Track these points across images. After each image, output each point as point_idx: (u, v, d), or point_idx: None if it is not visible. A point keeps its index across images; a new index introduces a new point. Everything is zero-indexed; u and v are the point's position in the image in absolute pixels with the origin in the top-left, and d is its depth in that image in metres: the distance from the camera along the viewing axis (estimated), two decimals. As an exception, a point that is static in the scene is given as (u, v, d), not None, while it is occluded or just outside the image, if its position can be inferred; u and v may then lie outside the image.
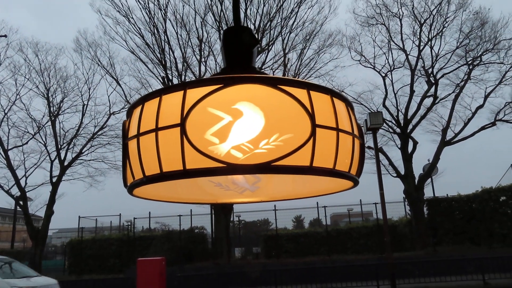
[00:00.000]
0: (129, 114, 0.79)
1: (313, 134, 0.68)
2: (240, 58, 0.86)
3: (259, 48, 17.70)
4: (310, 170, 0.67)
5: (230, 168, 0.65)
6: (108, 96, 22.56)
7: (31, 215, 21.12)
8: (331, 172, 0.71)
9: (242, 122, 0.67)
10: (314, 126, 0.68)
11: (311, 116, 0.68)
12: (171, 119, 0.68)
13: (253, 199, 0.98)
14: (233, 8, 0.89)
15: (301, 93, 0.70)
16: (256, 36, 0.82)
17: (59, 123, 21.57)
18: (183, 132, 0.66)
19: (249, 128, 0.66)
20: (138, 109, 0.75)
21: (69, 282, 15.46)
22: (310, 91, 0.70)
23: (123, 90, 20.31)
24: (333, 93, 0.74)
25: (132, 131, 0.74)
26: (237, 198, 0.97)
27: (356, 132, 0.76)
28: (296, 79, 0.70)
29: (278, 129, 0.67)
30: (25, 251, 22.58)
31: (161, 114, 0.70)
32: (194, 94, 0.69)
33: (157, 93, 0.73)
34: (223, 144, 0.66)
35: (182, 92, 0.69)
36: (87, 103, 21.75)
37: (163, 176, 0.68)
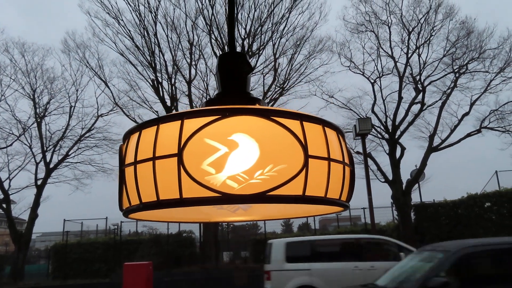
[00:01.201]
0: (126, 139, 0.80)
1: (305, 164, 0.70)
2: (235, 84, 0.88)
3: (250, 53, 17.78)
4: (303, 199, 0.70)
5: (226, 198, 0.67)
6: (96, 98, 22.29)
7: (15, 218, 20.75)
8: (323, 201, 0.74)
9: (238, 153, 0.69)
10: (307, 156, 0.71)
11: (304, 147, 0.71)
12: (169, 149, 0.70)
13: (246, 217, 1.01)
14: (228, 34, 0.91)
15: (294, 125, 0.72)
16: (250, 63, 0.84)
17: (45, 124, 21.31)
18: (180, 162, 0.68)
19: (245, 159, 0.69)
20: (135, 136, 0.77)
21: (53, 287, 15.22)
22: (303, 122, 0.73)
23: (111, 92, 20.16)
24: (324, 123, 0.77)
25: (129, 158, 0.76)
26: (230, 217, 1.00)
27: (346, 159, 0.79)
28: (289, 110, 0.73)
29: (272, 160, 0.69)
30: (8, 255, 22.15)
31: (158, 143, 0.72)
32: (191, 124, 0.71)
33: (155, 122, 0.74)
34: (219, 174, 0.68)
35: (179, 122, 0.71)
36: (75, 104, 21.55)
37: (160, 204, 0.70)
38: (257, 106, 0.83)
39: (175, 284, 13.40)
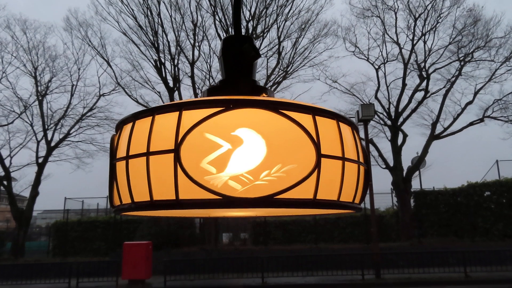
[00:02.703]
0: (118, 130, 0.73)
1: (318, 164, 0.63)
2: (240, 71, 0.80)
3: (254, 35, 17.49)
4: (313, 203, 0.63)
5: (227, 201, 0.60)
6: (98, 77, 22.12)
7: (16, 195, 20.86)
8: (335, 205, 0.67)
9: (242, 151, 0.61)
10: (320, 156, 0.63)
11: (317, 145, 0.63)
12: (164, 144, 0.63)
13: (249, 213, 0.94)
14: (233, 16, 0.83)
15: (306, 119, 0.65)
16: (257, 48, 0.75)
17: (47, 103, 21.21)
18: (177, 159, 0.61)
19: (250, 157, 0.61)
20: (128, 127, 0.69)
21: (53, 264, 15.39)
22: (316, 117, 0.65)
23: (113, 72, 19.99)
24: (339, 118, 0.69)
25: (121, 152, 0.69)
26: (231, 212, 0.93)
27: (361, 158, 0.72)
28: (301, 103, 0.65)
29: (280, 159, 0.61)
30: (9, 231, 22.35)
31: (153, 136, 0.64)
32: (190, 116, 0.63)
33: (150, 112, 0.67)
34: (220, 174, 0.61)
35: (177, 113, 0.63)
36: (76, 83, 21.41)
37: (153, 205, 0.63)
38: (263, 97, 0.75)
39: (174, 264, 13.52)
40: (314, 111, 0.65)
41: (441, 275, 12.51)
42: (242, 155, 0.61)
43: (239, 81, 0.79)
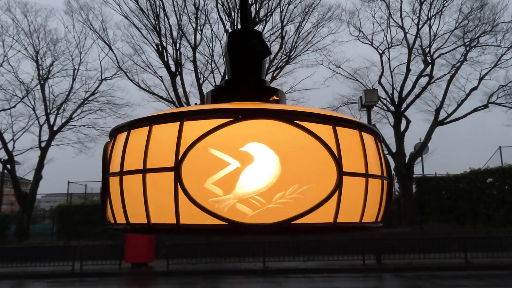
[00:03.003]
0: (113, 138, 0.65)
1: (339, 184, 0.55)
2: (248, 69, 0.71)
3: (257, 19, 17.22)
4: (333, 228, 0.55)
5: (235, 228, 0.52)
6: (100, 62, 22.01)
7: (19, 179, 20.95)
8: (357, 227, 0.59)
9: (253, 169, 0.53)
10: (341, 173, 0.55)
11: (338, 161, 0.55)
12: (163, 160, 0.55)
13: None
14: (240, 8, 0.74)
15: (325, 131, 0.56)
16: (268, 44, 0.67)
17: (49, 87, 21.12)
18: (178, 179, 0.53)
19: (261, 177, 0.53)
20: (123, 137, 0.61)
21: (57, 247, 15.54)
22: (336, 127, 0.57)
23: (115, 56, 19.81)
24: (361, 127, 0.61)
25: (115, 165, 0.61)
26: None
27: (385, 172, 0.64)
28: (319, 111, 0.57)
29: (297, 178, 0.53)
30: (13, 214, 22.54)
31: (150, 150, 0.56)
32: (193, 128, 0.55)
33: (147, 121, 0.58)
34: (227, 196, 0.53)
35: (178, 124, 0.55)
36: (78, 67, 21.23)
37: (151, 229, 0.56)
38: (275, 102, 0.66)
39: (176, 248, 13.61)
40: (334, 121, 0.57)
41: (442, 261, 12.56)
42: (253, 174, 0.53)
43: (247, 82, 0.71)
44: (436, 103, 19.45)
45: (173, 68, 18.41)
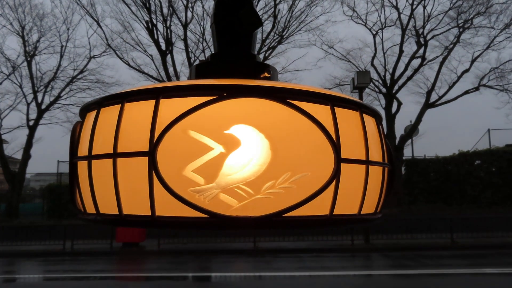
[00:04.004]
0: (82, 118, 0.58)
1: (337, 172, 0.48)
2: (237, 42, 0.63)
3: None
4: (329, 221, 0.49)
5: (218, 221, 0.45)
6: (88, 39, 21.49)
7: (8, 158, 20.66)
8: (355, 220, 0.53)
9: (239, 155, 0.46)
10: (339, 160, 0.48)
11: (336, 146, 0.48)
12: (136, 143, 0.47)
13: None
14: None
15: (322, 112, 0.49)
16: (259, 14, 0.59)
17: (36, 64, 20.60)
18: (153, 165, 0.46)
19: (249, 164, 0.46)
20: (92, 116, 0.54)
21: (47, 226, 15.49)
22: (335, 108, 0.50)
23: (104, 33, 19.30)
24: (362, 108, 0.54)
25: (83, 148, 0.54)
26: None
27: (386, 158, 0.58)
28: (316, 89, 0.50)
29: (289, 165, 0.47)
30: (2, 193, 22.33)
31: (122, 132, 0.49)
32: (171, 107, 0.47)
33: (118, 98, 0.51)
34: (210, 185, 0.46)
35: (153, 102, 0.47)
36: (66, 44, 20.67)
37: (124, 221, 0.49)
38: (265, 79, 0.60)
39: (168, 231, 13.67)
40: (333, 101, 0.50)
41: (429, 241, 12.80)
42: (239, 160, 0.46)
43: (235, 56, 0.63)
44: (427, 85, 19.48)
45: (163, 47, 18.04)
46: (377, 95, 19.90)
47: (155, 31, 17.87)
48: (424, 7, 18.83)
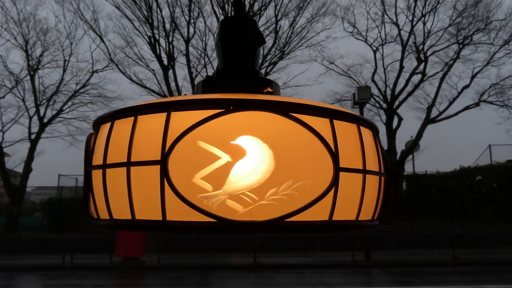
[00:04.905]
0: (96, 129, 0.62)
1: (335, 180, 0.52)
2: (241, 59, 0.68)
3: (251, 13, 17.12)
4: (329, 226, 0.53)
5: (225, 226, 0.49)
6: (91, 53, 21.57)
7: (9, 171, 20.68)
8: (353, 226, 0.57)
9: (244, 164, 0.50)
10: (338, 169, 0.52)
11: (335, 156, 0.52)
12: (149, 153, 0.51)
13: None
14: (234, -6, 0.70)
15: (322, 124, 0.53)
16: (262, 33, 0.63)
17: (39, 78, 20.78)
18: (164, 173, 0.50)
19: (254, 172, 0.50)
20: (106, 128, 0.58)
21: (47, 240, 15.40)
22: (334, 121, 0.54)
23: (107, 48, 19.54)
24: (360, 121, 0.58)
25: (98, 158, 0.58)
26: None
27: (382, 168, 0.62)
28: (316, 103, 0.54)
29: (291, 174, 0.50)
30: (2, 206, 22.28)
31: (135, 142, 0.53)
32: (181, 119, 0.51)
33: (132, 111, 0.55)
34: (217, 192, 0.50)
35: (165, 114, 0.52)
36: (69, 58, 20.91)
37: (136, 225, 0.53)
38: (269, 94, 0.63)
39: (168, 243, 13.56)
40: (332, 114, 0.54)
41: (430, 257, 12.70)
42: (244, 169, 0.50)
43: (240, 72, 0.67)
44: (428, 101, 19.59)
45: (165, 62, 18.25)
46: (378, 110, 20.01)
47: (157, 46, 18.11)
48: (424, 24, 19.09)
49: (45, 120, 20.42)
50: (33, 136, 20.07)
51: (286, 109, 0.52)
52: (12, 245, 14.68)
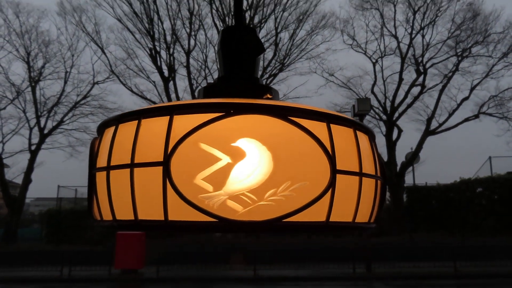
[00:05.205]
0: (100, 133, 0.63)
1: (332, 182, 0.54)
2: (242, 67, 0.70)
3: (251, 25, 17.29)
4: (326, 227, 0.54)
5: (225, 225, 0.51)
6: (93, 65, 21.69)
7: (8, 182, 20.64)
8: (350, 227, 0.58)
9: (244, 166, 0.52)
10: (335, 171, 0.54)
11: (331, 159, 0.54)
12: (152, 154, 0.53)
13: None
14: (234, 4, 0.73)
15: (319, 128, 0.55)
16: (262, 41, 0.66)
17: (40, 89, 20.89)
18: (167, 174, 0.51)
19: (253, 173, 0.52)
20: (111, 132, 0.60)
21: (45, 252, 15.30)
22: (331, 125, 0.56)
23: (108, 60, 19.68)
24: (356, 126, 0.60)
25: (102, 160, 0.59)
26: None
27: (378, 171, 0.63)
28: (314, 108, 0.56)
29: (289, 175, 0.52)
30: (1, 218, 22.17)
31: (139, 145, 0.55)
32: (183, 122, 0.53)
33: (136, 115, 0.57)
34: (217, 192, 0.51)
35: (167, 118, 0.54)
36: (70, 70, 21.06)
37: (139, 225, 0.54)
38: (268, 99, 0.65)
39: (167, 255, 13.47)
40: (329, 119, 0.56)
41: (431, 270, 12.60)
42: (244, 170, 0.52)
43: (240, 79, 0.70)
44: (427, 113, 19.66)
45: (166, 73, 18.38)
46: (378, 122, 20.06)
47: (158, 58, 18.26)
48: (423, 37, 19.28)
49: (46, 131, 20.48)
50: (33, 147, 20.09)
51: (284, 113, 0.54)
52: (10, 256, 14.57)
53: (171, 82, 18.44)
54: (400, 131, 19.00)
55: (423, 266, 12.78)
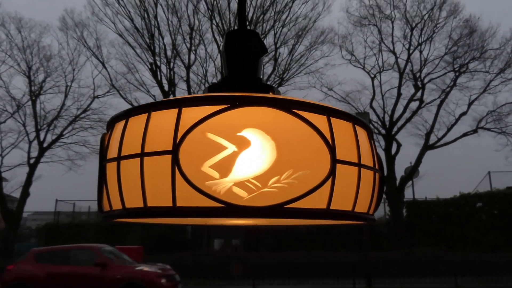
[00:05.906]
0: (110, 128, 0.66)
1: (333, 171, 0.57)
2: (245, 68, 0.74)
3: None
4: (326, 214, 0.57)
5: (231, 210, 0.53)
6: (93, 79, 21.85)
7: (6, 196, 20.55)
8: (349, 216, 0.61)
9: (249, 154, 0.55)
10: (335, 161, 0.57)
11: (332, 149, 0.57)
12: (161, 144, 0.56)
13: (251, 222, 0.87)
14: (238, 9, 0.77)
15: (320, 121, 0.59)
16: (264, 43, 0.69)
17: (40, 103, 20.99)
18: (175, 162, 0.54)
19: (257, 161, 0.55)
20: (121, 125, 0.63)
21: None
22: (331, 118, 0.59)
23: (108, 74, 19.85)
24: (354, 120, 0.63)
25: (112, 152, 0.62)
26: (232, 220, 0.86)
27: (377, 165, 0.66)
28: (315, 102, 0.59)
29: (292, 164, 0.55)
30: (-2, 232, 21.97)
31: (148, 135, 0.58)
32: (191, 114, 0.56)
33: (145, 108, 0.60)
34: (224, 179, 0.54)
35: (176, 110, 0.57)
36: (71, 84, 21.21)
37: (148, 212, 0.57)
38: (271, 95, 0.69)
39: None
40: (329, 112, 0.60)
41: (432, 285, 12.48)
42: (249, 158, 0.55)
43: (244, 79, 0.73)
44: (426, 127, 19.74)
45: (166, 87, 18.52)
46: (377, 136, 20.11)
47: (158, 72, 18.43)
48: (421, 52, 19.50)
49: (45, 145, 20.49)
50: (32, 161, 20.07)
51: (288, 106, 0.57)
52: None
53: (171, 96, 18.56)
54: (399, 145, 19.06)
55: (424, 281, 12.67)
